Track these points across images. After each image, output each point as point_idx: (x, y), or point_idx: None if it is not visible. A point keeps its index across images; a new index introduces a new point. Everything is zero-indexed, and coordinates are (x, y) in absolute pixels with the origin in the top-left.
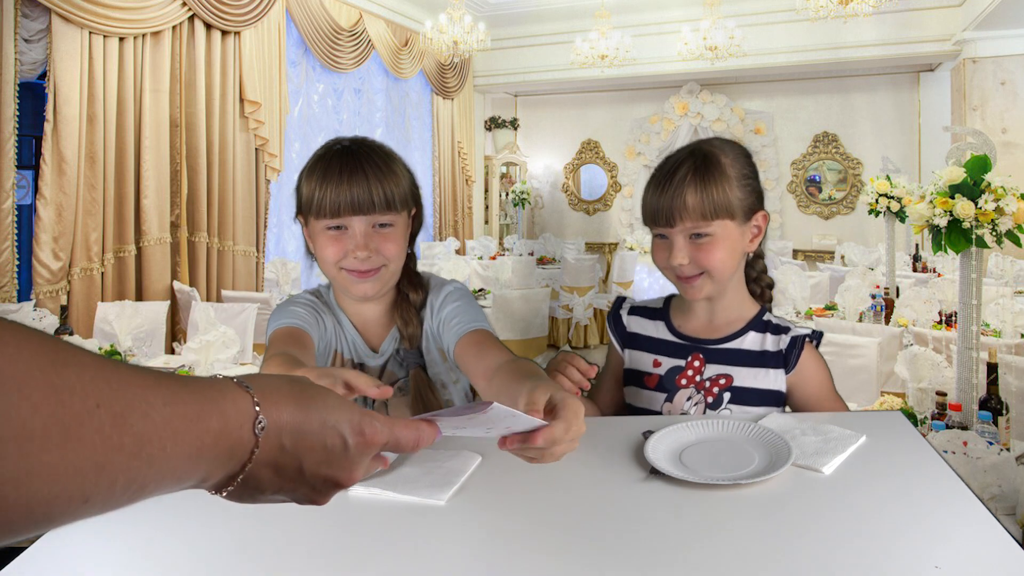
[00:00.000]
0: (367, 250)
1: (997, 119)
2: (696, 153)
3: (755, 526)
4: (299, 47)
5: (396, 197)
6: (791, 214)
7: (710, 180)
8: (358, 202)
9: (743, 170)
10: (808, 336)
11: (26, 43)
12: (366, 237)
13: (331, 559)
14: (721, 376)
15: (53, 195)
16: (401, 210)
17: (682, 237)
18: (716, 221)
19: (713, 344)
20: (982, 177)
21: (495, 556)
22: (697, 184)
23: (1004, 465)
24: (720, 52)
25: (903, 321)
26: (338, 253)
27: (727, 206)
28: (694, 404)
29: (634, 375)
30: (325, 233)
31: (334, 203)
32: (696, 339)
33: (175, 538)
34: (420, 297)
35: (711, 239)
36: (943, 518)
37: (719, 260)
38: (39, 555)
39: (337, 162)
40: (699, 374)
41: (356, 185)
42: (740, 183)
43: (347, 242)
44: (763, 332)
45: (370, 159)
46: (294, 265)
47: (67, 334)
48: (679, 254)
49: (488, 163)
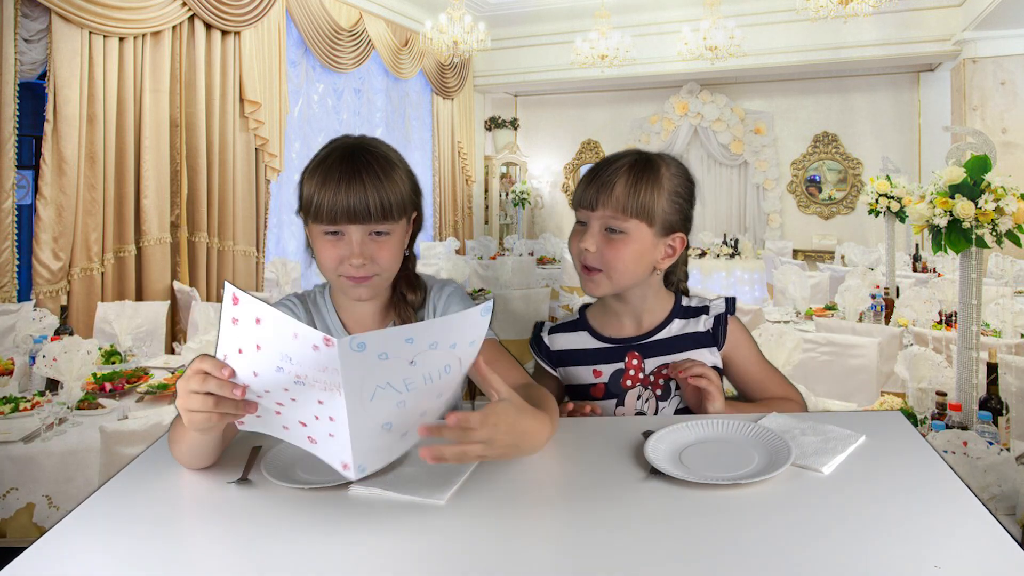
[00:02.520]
0: (362, 258)
1: (997, 119)
2: (640, 154)
3: (755, 526)
4: (299, 47)
5: (393, 206)
6: (791, 214)
7: (642, 180)
8: (354, 211)
9: (677, 188)
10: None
11: (26, 43)
12: (362, 245)
13: (330, 559)
14: (662, 367)
15: (53, 195)
16: (399, 218)
17: (598, 224)
18: (633, 220)
19: (643, 340)
20: (982, 177)
21: (495, 556)
22: (629, 178)
23: (1004, 465)
24: (720, 52)
25: (903, 321)
26: (335, 259)
27: (648, 210)
28: (644, 401)
29: (577, 390)
30: (323, 237)
31: (331, 210)
32: (625, 339)
33: (174, 537)
34: (418, 298)
35: (624, 237)
36: (943, 518)
37: (623, 260)
38: (39, 555)
39: (337, 168)
40: (640, 371)
41: (354, 193)
42: (670, 196)
43: (343, 248)
44: (685, 317)
45: (369, 167)
46: (294, 265)
47: (67, 334)
48: (590, 240)
49: (488, 163)
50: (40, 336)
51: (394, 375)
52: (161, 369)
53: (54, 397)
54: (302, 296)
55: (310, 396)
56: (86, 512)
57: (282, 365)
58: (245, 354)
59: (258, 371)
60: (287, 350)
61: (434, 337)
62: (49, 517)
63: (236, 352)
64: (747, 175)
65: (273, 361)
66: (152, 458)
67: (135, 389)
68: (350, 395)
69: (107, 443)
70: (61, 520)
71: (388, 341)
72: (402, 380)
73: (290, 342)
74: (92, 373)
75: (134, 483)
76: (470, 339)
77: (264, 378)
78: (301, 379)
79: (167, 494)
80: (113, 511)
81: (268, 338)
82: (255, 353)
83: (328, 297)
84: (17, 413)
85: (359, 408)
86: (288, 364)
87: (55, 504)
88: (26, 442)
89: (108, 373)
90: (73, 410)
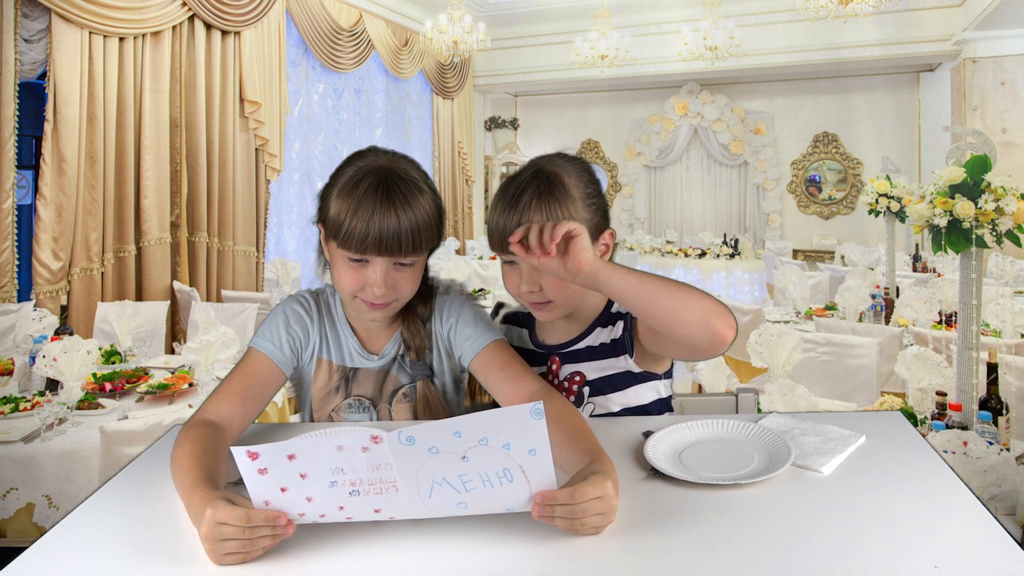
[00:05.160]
0: (385, 287)
1: (997, 119)
2: (539, 175)
3: (755, 526)
4: (299, 47)
5: (422, 238)
6: (791, 214)
7: (553, 203)
8: (384, 244)
9: (587, 189)
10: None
11: (26, 43)
12: (385, 275)
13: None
14: (575, 374)
15: (53, 195)
16: (424, 250)
17: (528, 265)
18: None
19: (565, 347)
20: (982, 177)
21: (495, 556)
22: (540, 208)
23: (1004, 465)
24: (720, 52)
25: (903, 321)
26: (355, 284)
27: None
28: None
29: None
30: (345, 261)
31: (361, 240)
32: (551, 345)
33: (174, 537)
34: (427, 310)
35: None
36: (943, 518)
37: (567, 287)
38: (39, 555)
39: (371, 198)
40: (556, 376)
41: (386, 227)
42: (585, 203)
43: (366, 275)
44: (606, 325)
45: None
46: (294, 265)
47: (67, 334)
48: (528, 282)
49: (488, 163)
50: (40, 336)
51: (448, 471)
52: (161, 369)
53: (54, 397)
54: (315, 294)
55: (366, 507)
56: (86, 512)
57: (335, 479)
58: (290, 490)
59: (312, 495)
60: (336, 464)
61: (482, 432)
62: (49, 517)
63: (279, 492)
64: (747, 175)
65: (324, 479)
66: (152, 458)
67: (135, 389)
68: (408, 489)
69: (107, 443)
70: (61, 520)
71: (436, 434)
72: (458, 477)
73: (336, 456)
74: (92, 373)
75: (134, 483)
76: (528, 446)
77: (319, 502)
78: (356, 488)
79: (167, 494)
80: (113, 511)
81: (311, 464)
82: (301, 483)
83: (339, 304)
84: (17, 413)
85: (419, 506)
86: (340, 475)
87: (55, 504)
88: (26, 442)
89: (108, 373)
90: (73, 410)
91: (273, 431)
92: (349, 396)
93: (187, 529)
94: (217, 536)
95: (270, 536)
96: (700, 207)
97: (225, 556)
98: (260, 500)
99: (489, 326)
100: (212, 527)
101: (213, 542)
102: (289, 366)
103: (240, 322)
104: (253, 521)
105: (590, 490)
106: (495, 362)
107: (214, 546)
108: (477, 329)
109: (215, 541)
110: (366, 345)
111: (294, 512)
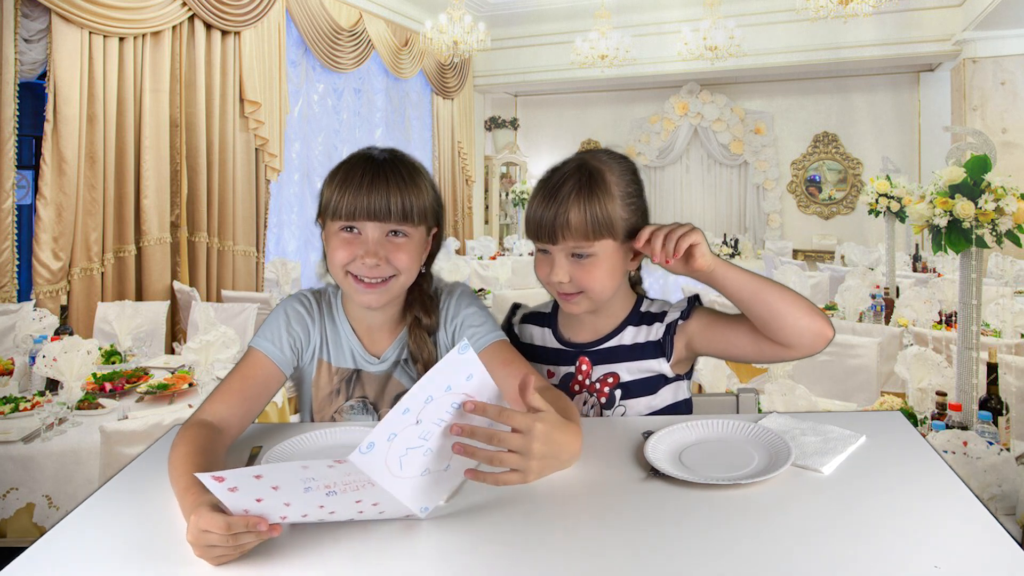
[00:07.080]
0: (376, 257)
1: (997, 119)
2: (582, 169)
3: (755, 526)
4: (299, 47)
5: (414, 209)
6: (791, 214)
7: (593, 198)
8: (374, 208)
9: (628, 188)
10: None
11: (26, 43)
12: (377, 244)
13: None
14: (608, 375)
15: (53, 195)
16: (418, 224)
17: (563, 255)
18: (598, 241)
19: (595, 346)
20: (982, 177)
21: (495, 556)
22: (580, 201)
23: (1004, 465)
24: (720, 52)
25: (903, 321)
26: (347, 256)
27: (609, 225)
28: (589, 408)
29: None
30: (338, 235)
31: (350, 206)
32: (579, 344)
33: (172, 537)
34: (433, 322)
35: (592, 259)
36: (943, 518)
37: (598, 280)
38: (39, 555)
39: (360, 167)
40: (588, 377)
41: (375, 191)
42: (624, 202)
43: (358, 247)
44: (639, 324)
45: (395, 169)
46: (294, 265)
47: (67, 334)
48: (559, 272)
49: (488, 163)
50: (40, 336)
51: (410, 440)
52: (161, 369)
53: (54, 397)
54: (317, 294)
55: (346, 500)
56: (86, 512)
57: (309, 486)
58: (266, 500)
59: (289, 501)
60: (305, 475)
61: (425, 393)
62: (49, 517)
63: (255, 502)
64: (747, 175)
65: (297, 488)
66: (152, 458)
67: (135, 389)
68: (382, 479)
69: (107, 443)
70: (61, 520)
71: (391, 424)
72: (418, 438)
73: (303, 472)
74: (92, 373)
75: (134, 483)
76: (465, 375)
77: (296, 505)
78: (332, 488)
79: (167, 494)
80: (113, 511)
81: (279, 479)
82: (275, 493)
83: (340, 305)
84: (17, 413)
85: (394, 481)
86: (313, 483)
87: (55, 504)
88: (26, 442)
89: (108, 373)
90: (73, 410)
91: (273, 431)
92: (351, 398)
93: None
94: (202, 543)
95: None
96: (700, 207)
97: (214, 559)
98: (239, 510)
99: (493, 325)
100: (196, 534)
101: (198, 548)
102: (289, 366)
103: (240, 322)
104: (234, 528)
105: (518, 419)
106: (497, 359)
107: (201, 551)
108: (480, 328)
109: (200, 547)
110: (367, 346)
111: (275, 516)
